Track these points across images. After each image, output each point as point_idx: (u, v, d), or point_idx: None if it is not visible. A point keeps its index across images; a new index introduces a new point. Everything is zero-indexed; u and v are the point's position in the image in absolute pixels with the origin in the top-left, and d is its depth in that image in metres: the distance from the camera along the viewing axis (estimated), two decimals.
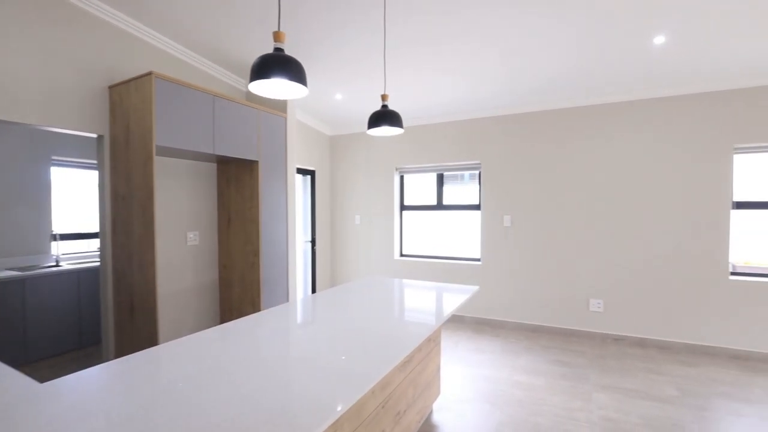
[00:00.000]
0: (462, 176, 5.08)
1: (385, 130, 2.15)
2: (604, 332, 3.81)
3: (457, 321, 4.48)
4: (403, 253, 5.04)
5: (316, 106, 4.37)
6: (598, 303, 3.83)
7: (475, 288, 2.53)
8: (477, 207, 4.47)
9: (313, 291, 5.02)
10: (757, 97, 3.27)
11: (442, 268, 4.59)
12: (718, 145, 3.41)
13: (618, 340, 3.76)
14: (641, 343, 3.67)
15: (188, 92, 2.60)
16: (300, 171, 4.73)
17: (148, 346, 2.37)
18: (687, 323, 3.53)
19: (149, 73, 2.38)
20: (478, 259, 4.44)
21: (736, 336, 3.38)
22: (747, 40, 2.67)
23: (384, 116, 2.03)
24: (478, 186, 4.48)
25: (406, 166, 4.83)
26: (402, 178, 5.01)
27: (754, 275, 3.46)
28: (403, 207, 5.01)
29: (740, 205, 3.45)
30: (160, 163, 2.93)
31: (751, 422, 2.40)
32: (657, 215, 3.61)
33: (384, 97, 2.14)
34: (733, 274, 3.47)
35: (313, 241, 4.96)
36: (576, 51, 2.90)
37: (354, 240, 5.15)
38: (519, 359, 3.40)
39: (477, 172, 4.48)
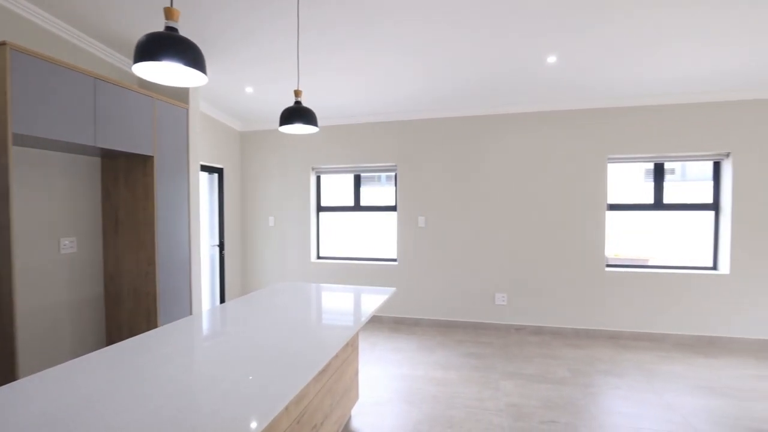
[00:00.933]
0: (379, 177, 5.13)
1: (298, 128, 2.03)
2: (508, 323, 4.15)
3: (375, 322, 4.50)
4: (321, 255, 4.91)
5: (224, 99, 4.03)
6: (503, 297, 4.15)
7: (392, 290, 2.54)
8: (393, 208, 4.55)
9: (222, 301, 4.63)
10: (627, 115, 3.84)
11: (360, 270, 4.57)
12: (596, 155, 3.93)
13: (519, 329, 4.12)
14: (538, 331, 4.08)
15: (60, 71, 2.18)
16: (205, 168, 4.32)
17: (2, 380, 1.92)
18: (574, 311, 4.01)
19: (2, 44, 1.93)
20: (395, 260, 4.52)
21: (611, 319, 3.93)
22: (624, 67, 3.11)
23: (297, 113, 1.92)
24: (394, 187, 4.56)
25: (323, 166, 4.72)
26: (319, 178, 4.88)
27: (622, 266, 4.07)
28: (320, 208, 4.88)
29: (613, 207, 4.01)
30: (22, 154, 2.41)
31: (623, 393, 2.79)
32: (547, 216, 4.04)
33: (297, 93, 2.03)
34: (608, 266, 4.03)
35: (221, 246, 4.57)
36: (478, 65, 3.10)
37: (268, 243, 4.88)
38: (434, 355, 3.52)
39: (393, 173, 4.56)
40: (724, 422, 2.41)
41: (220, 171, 4.56)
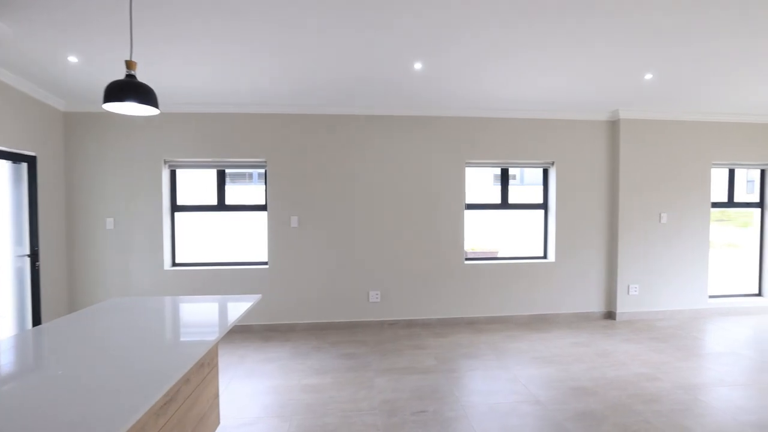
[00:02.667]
0: (251, 175, 4.74)
1: (131, 108, 1.66)
2: (382, 319, 4.26)
3: (245, 331, 4.11)
4: (178, 262, 4.27)
5: (40, 69, 3.14)
6: (376, 294, 4.24)
7: (257, 297, 2.31)
8: (263, 208, 4.23)
9: (38, 323, 3.62)
10: (482, 125, 4.32)
11: (226, 277, 4.12)
12: (456, 159, 4.32)
13: (392, 324, 4.27)
14: (409, 324, 4.29)
15: None
16: (6, 155, 3.31)
17: None
18: (439, 303, 4.33)
19: None
20: (266, 263, 4.21)
21: (470, 307, 4.37)
22: (481, 82, 3.46)
23: (129, 88, 1.55)
24: (264, 185, 4.24)
25: (179, 159, 4.11)
26: (174, 173, 4.23)
27: (478, 259, 4.57)
28: (175, 207, 4.24)
29: (469, 207, 4.47)
30: None
31: (480, 373, 3.10)
32: (415, 215, 4.29)
33: (130, 65, 1.64)
34: (466, 259, 4.47)
35: (33, 255, 3.57)
36: (346, 67, 3.08)
37: (105, 250, 4.02)
38: (309, 360, 3.37)
39: (263, 170, 4.23)
40: (554, 385, 2.88)
41: (31, 160, 3.56)
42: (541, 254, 4.66)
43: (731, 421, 2.43)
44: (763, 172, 4.91)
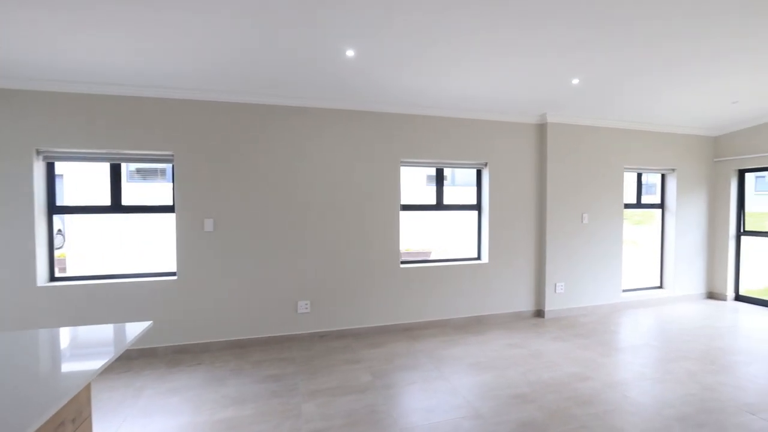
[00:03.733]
0: (159, 171, 4.06)
1: None
2: (312, 331, 3.89)
3: (146, 355, 3.47)
4: (58, 276, 3.48)
5: None
6: (305, 304, 3.86)
7: (145, 325, 1.82)
8: (171, 209, 3.62)
9: None
10: (418, 122, 4.15)
11: (122, 292, 3.44)
12: (392, 157, 4.10)
13: (323, 336, 3.91)
14: (342, 335, 3.96)
15: None
16: None
17: None
18: (374, 310, 4.08)
19: None
20: (173, 274, 3.60)
21: (406, 312, 4.18)
22: (419, 77, 3.26)
23: None
24: (171, 183, 3.63)
25: (57, 150, 3.34)
26: (51, 166, 3.44)
27: (413, 262, 4.40)
28: (54, 209, 3.45)
29: (405, 207, 4.28)
30: None
31: (419, 386, 2.89)
32: (347, 217, 3.99)
33: None
34: (402, 262, 4.28)
35: None
36: (271, 50, 2.69)
37: None
38: (225, 387, 2.90)
39: (169, 165, 3.62)
40: (494, 394, 2.76)
41: None
42: (475, 255, 4.63)
43: (657, 416, 2.49)
44: (663, 176, 5.42)
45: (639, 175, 5.29)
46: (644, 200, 5.42)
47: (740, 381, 2.97)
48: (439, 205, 4.45)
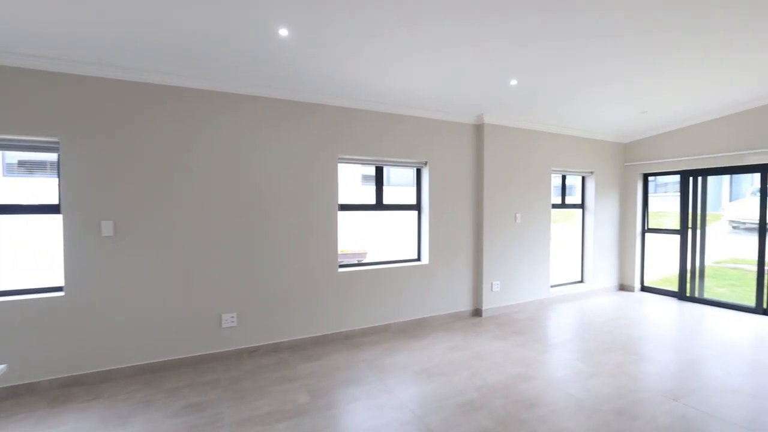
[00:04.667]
0: (49, 165, 3.37)
1: None
2: (240, 347, 3.44)
3: (23, 394, 2.77)
4: None
5: None
6: (232, 317, 3.41)
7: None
8: (56, 209, 2.94)
9: None
10: (356, 116, 3.90)
11: None
12: (329, 153, 3.80)
13: (253, 352, 3.49)
14: (275, 349, 3.58)
15: None
16: None
17: None
18: (311, 318, 3.75)
19: None
20: (61, 288, 2.93)
21: (345, 320, 3.91)
22: (360, 68, 3.01)
23: None
24: (57, 177, 2.95)
25: None
26: None
27: (352, 265, 4.15)
28: None
29: (343, 208, 4.01)
30: None
31: (363, 405, 2.65)
32: (280, 218, 3.61)
33: None
34: (341, 266, 4.00)
35: None
36: (187, 18, 2.26)
37: None
38: (130, 425, 2.38)
39: (55, 155, 2.94)
40: (443, 404, 2.62)
41: None
42: (415, 256, 4.52)
43: (597, 412, 2.54)
44: (583, 178, 5.83)
45: (563, 177, 5.62)
46: (565, 201, 5.78)
47: (658, 368, 3.20)
48: (379, 205, 4.26)
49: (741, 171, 4.88)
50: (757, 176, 5.00)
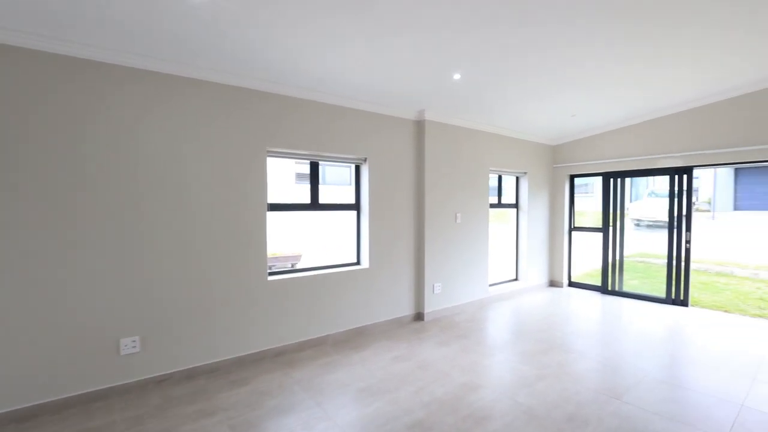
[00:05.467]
0: None
1: None
2: (144, 377, 2.84)
3: None
4: None
5: None
6: (133, 341, 2.79)
7: None
8: None
9: None
10: (289, 105, 3.46)
11: None
12: (256, 145, 3.33)
13: (162, 381, 2.91)
14: (190, 375, 3.02)
15: None
16: None
17: None
18: (234, 336, 3.24)
19: None
20: None
21: (276, 334, 3.46)
22: (290, 49, 2.60)
23: None
24: None
25: None
26: None
27: (285, 272, 3.71)
28: None
29: (273, 207, 3.56)
30: None
31: None
32: (196, 219, 3.07)
33: None
34: (271, 274, 3.54)
35: None
36: None
37: None
38: None
39: None
40: (389, 427, 2.33)
41: None
42: (355, 260, 4.20)
43: (548, 420, 2.43)
44: (517, 178, 5.95)
45: (500, 177, 5.68)
46: (501, 200, 5.86)
47: (596, 365, 3.24)
48: (315, 205, 3.86)
49: (654, 173, 5.29)
50: (651, 179, 5.46)
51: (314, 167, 3.86)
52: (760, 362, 3.28)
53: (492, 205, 5.45)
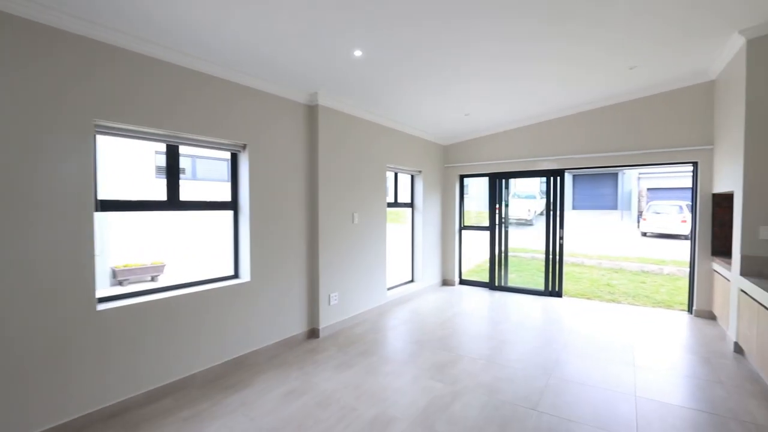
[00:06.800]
0: None
1: None
2: None
3: None
4: None
5: None
6: None
7: None
8: None
9: None
10: (135, 63, 2.47)
11: None
12: (77, 116, 2.28)
13: None
14: None
15: None
16: None
17: None
18: (41, 397, 2.15)
19: None
20: None
21: (113, 384, 2.44)
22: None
23: None
24: None
25: None
26: None
27: (126, 297, 2.69)
28: None
29: (107, 206, 2.53)
30: None
31: None
32: None
33: None
34: (101, 301, 2.50)
35: None
36: None
37: None
38: None
39: None
40: None
41: None
42: (232, 272, 3.35)
43: None
44: (412, 177, 5.76)
45: (396, 175, 5.39)
46: (397, 199, 5.60)
47: (506, 372, 3.09)
48: (174, 203, 2.91)
49: (534, 175, 5.64)
50: (512, 181, 5.89)
51: (173, 153, 2.91)
52: (632, 347, 3.56)
53: (389, 205, 5.12)
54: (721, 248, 4.25)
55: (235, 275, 3.35)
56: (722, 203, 4.23)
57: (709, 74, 4.16)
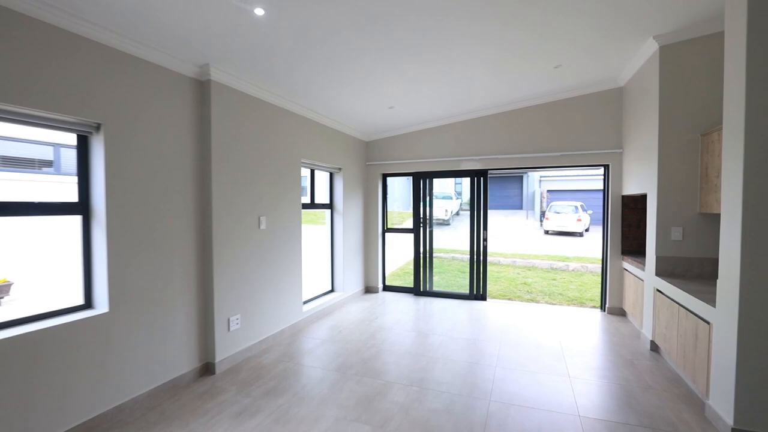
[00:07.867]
0: None
1: None
2: None
3: None
4: None
5: None
6: None
7: None
8: None
9: None
10: None
11: None
12: None
13: None
14: None
15: None
16: None
17: None
18: None
19: None
20: None
21: None
22: None
23: None
24: None
25: None
26: None
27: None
28: None
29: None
30: None
31: None
32: None
33: None
34: None
35: None
36: None
37: None
38: None
39: None
40: None
41: None
42: (81, 301, 2.42)
43: None
44: (331, 175, 5.17)
45: (312, 172, 4.75)
46: (314, 200, 4.97)
47: (443, 401, 2.68)
48: None
49: (459, 175, 5.43)
50: (436, 181, 5.73)
51: None
52: (561, 354, 3.44)
53: (305, 206, 4.46)
54: (629, 248, 4.43)
55: (87, 305, 2.42)
56: (630, 204, 4.41)
57: (618, 81, 4.30)
